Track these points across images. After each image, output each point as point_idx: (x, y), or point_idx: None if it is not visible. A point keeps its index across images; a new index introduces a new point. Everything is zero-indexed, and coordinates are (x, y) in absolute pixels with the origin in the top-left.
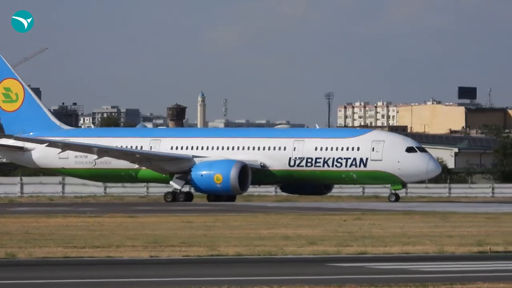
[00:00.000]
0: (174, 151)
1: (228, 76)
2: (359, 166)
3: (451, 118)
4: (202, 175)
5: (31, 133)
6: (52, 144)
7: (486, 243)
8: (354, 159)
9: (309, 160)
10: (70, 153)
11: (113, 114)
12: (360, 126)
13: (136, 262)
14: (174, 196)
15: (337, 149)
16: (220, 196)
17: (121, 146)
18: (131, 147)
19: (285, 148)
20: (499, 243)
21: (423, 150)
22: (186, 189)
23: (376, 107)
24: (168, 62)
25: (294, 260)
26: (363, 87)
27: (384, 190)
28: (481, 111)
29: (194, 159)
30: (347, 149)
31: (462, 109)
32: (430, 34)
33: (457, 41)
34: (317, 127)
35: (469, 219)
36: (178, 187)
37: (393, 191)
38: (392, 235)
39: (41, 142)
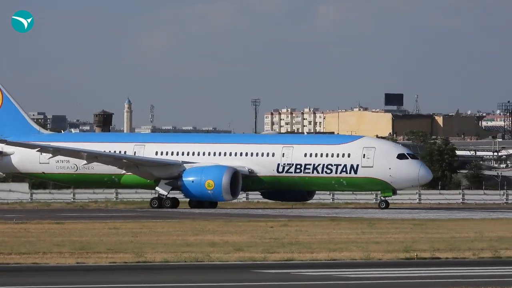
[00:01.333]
0: (159, 157)
1: (155, 83)
2: (350, 172)
3: (377, 124)
4: (193, 181)
5: (9, 137)
6: (43, 149)
7: (412, 249)
8: (345, 165)
9: (298, 166)
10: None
11: (39, 120)
12: (287, 132)
13: (63, 268)
14: (160, 202)
15: (327, 155)
16: (202, 202)
17: (104, 151)
18: (115, 152)
19: (273, 154)
20: (425, 249)
21: (414, 157)
22: (171, 195)
23: (303, 113)
24: (94, 68)
25: (220, 266)
26: (289, 94)
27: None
28: (408, 118)
29: (184, 164)
30: (338, 155)
31: (389, 116)
32: (356, 41)
33: (384, 47)
34: (305, 133)
35: (395, 226)
36: (164, 192)
37: (383, 198)
38: (318, 242)
39: (32, 147)
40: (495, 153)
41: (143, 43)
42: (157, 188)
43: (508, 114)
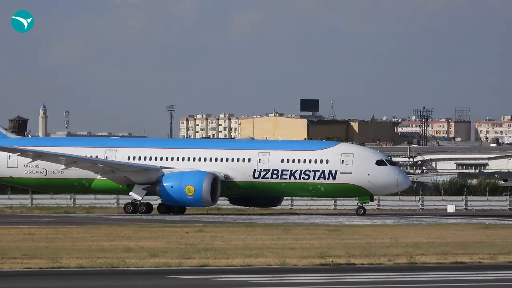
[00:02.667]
0: (132, 162)
1: (70, 89)
2: (328, 178)
3: (293, 130)
4: (172, 186)
5: None
6: (24, 153)
7: (328, 255)
8: (323, 171)
9: (275, 172)
10: (19, 162)
11: None
12: (202, 137)
13: None
14: (134, 207)
15: (304, 161)
16: (171, 207)
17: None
18: (86, 156)
19: (249, 160)
20: (341, 255)
21: (392, 163)
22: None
23: (218, 119)
24: (8, 74)
25: (136, 272)
26: (205, 100)
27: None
28: (323, 123)
29: (163, 170)
30: (316, 161)
31: (304, 121)
32: (272, 47)
33: (299, 53)
34: (280, 138)
35: (311, 232)
36: (138, 198)
37: (360, 204)
38: (234, 247)
39: (13, 151)
40: (411, 159)
41: (58, 48)
42: (131, 193)
43: (423, 120)
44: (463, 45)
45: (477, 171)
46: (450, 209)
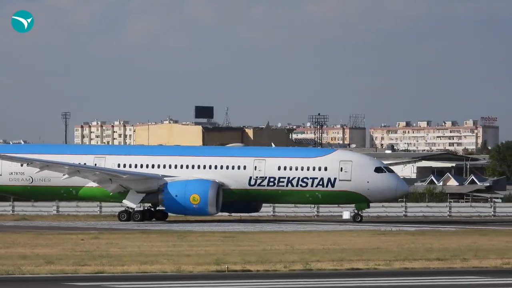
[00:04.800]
0: (124, 169)
1: None
2: (327, 186)
3: (188, 136)
4: (176, 195)
5: None
6: (32, 163)
7: (223, 262)
8: (322, 179)
9: (272, 179)
10: (3, 169)
11: None
12: (97, 144)
13: None
14: (128, 215)
15: (302, 168)
16: (154, 213)
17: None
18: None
19: (245, 167)
20: (236, 262)
21: (390, 170)
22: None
23: (113, 126)
24: None
25: (31, 279)
26: (100, 107)
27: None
28: (218, 130)
29: (165, 178)
30: (314, 169)
31: (199, 128)
32: (166, 53)
33: (193, 60)
34: (273, 145)
35: (206, 238)
36: (132, 205)
37: (357, 211)
38: (129, 254)
39: (18, 160)
40: None
41: None
42: (124, 201)
43: (318, 127)
44: (357, 52)
45: None
46: (346, 215)
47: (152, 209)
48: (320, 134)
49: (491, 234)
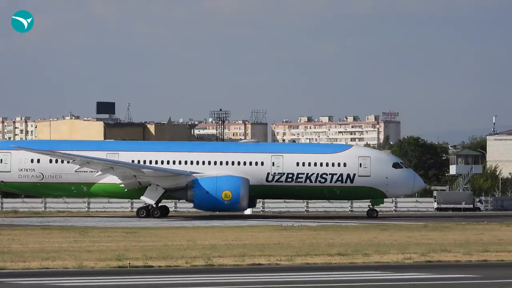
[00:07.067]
0: (152, 166)
1: None
2: (346, 182)
3: (90, 132)
4: (208, 192)
5: None
6: (74, 160)
7: (125, 257)
8: (341, 174)
9: (290, 175)
10: (13, 166)
11: None
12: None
13: None
14: (148, 211)
15: (321, 164)
16: (148, 210)
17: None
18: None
19: (262, 163)
20: (138, 257)
21: (406, 166)
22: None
23: (14, 122)
24: None
25: None
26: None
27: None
28: (120, 126)
29: (193, 174)
30: (333, 164)
31: (101, 124)
32: (69, 50)
33: (95, 56)
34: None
35: (108, 234)
36: (151, 202)
37: (372, 207)
38: (31, 250)
39: (60, 155)
40: None
41: None
42: (142, 197)
43: (220, 122)
44: (258, 48)
45: None
46: (248, 211)
47: (154, 205)
48: (222, 130)
49: (392, 229)
